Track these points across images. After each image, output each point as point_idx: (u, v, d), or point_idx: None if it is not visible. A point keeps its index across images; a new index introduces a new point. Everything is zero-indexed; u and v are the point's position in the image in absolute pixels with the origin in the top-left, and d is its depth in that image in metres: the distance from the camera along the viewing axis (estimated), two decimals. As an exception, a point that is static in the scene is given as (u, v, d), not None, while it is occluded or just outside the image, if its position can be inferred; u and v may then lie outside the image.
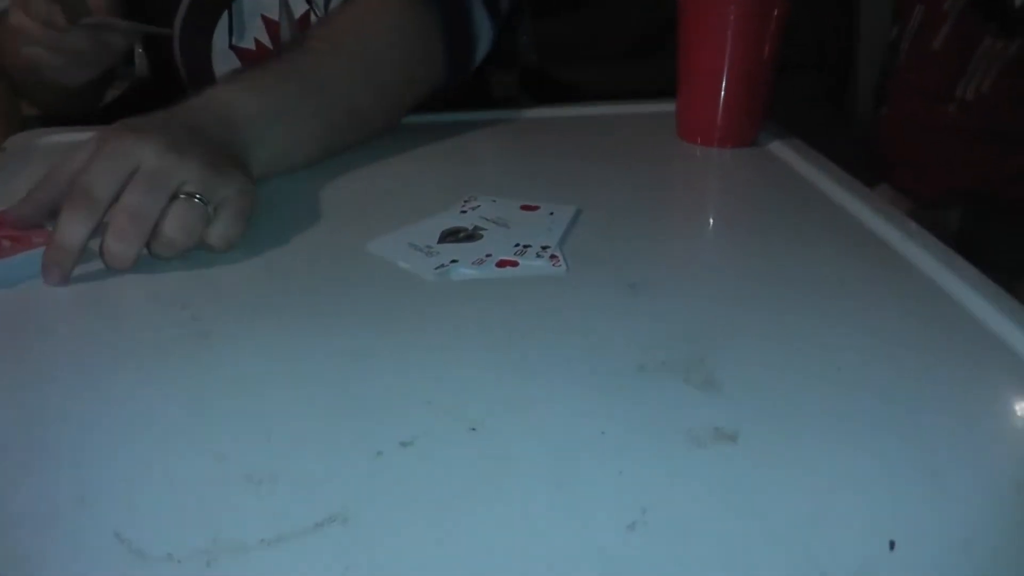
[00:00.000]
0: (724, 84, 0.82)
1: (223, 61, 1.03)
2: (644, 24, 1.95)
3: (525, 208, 0.69)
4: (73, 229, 0.58)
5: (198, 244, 0.61)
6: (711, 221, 0.72)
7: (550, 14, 1.27)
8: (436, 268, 0.60)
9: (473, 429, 0.45)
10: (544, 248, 0.62)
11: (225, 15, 1.01)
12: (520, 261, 0.61)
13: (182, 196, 0.59)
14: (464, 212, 0.68)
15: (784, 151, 0.83)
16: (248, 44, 1.02)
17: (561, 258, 0.61)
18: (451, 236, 0.64)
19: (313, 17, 1.01)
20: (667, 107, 0.89)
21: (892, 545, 0.39)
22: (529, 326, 0.54)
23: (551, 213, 0.68)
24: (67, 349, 0.53)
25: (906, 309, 0.57)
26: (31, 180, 0.63)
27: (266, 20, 1.02)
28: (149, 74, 1.16)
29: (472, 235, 0.64)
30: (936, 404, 0.48)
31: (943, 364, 0.51)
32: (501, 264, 0.60)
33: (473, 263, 0.60)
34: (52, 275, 0.59)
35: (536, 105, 1.37)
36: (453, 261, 0.61)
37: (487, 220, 0.66)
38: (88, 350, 0.53)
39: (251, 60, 1.02)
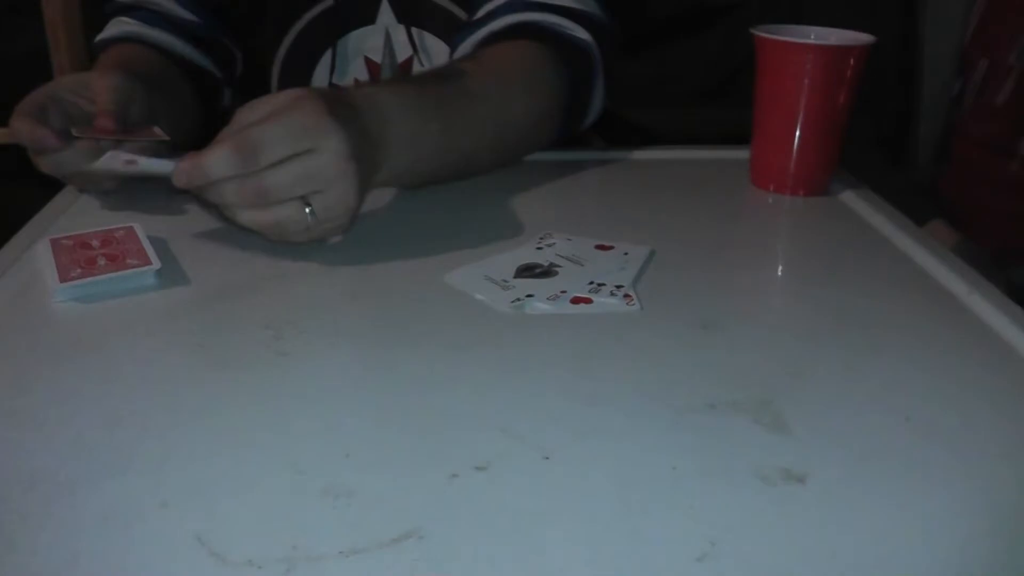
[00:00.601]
0: (799, 132, 0.83)
1: None
2: (712, 70, 1.97)
3: (600, 247, 0.70)
4: (219, 164, 0.60)
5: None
6: (783, 267, 0.73)
7: (621, 57, 1.29)
8: (512, 301, 0.61)
9: (546, 457, 0.46)
10: (618, 287, 0.63)
11: (328, 53, 1.04)
12: (594, 299, 0.62)
13: (302, 201, 0.62)
14: (540, 248, 0.69)
15: (856, 201, 0.84)
16: (348, 84, 1.05)
17: (635, 297, 0.62)
18: (527, 272, 0.66)
19: (416, 63, 1.03)
20: (740, 154, 0.90)
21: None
22: (602, 360, 0.55)
23: (625, 253, 0.69)
24: (153, 360, 0.56)
25: (974, 361, 0.57)
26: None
27: (368, 62, 1.04)
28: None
29: (547, 272, 0.66)
30: (1004, 454, 0.48)
31: (1009, 416, 0.51)
32: (575, 301, 0.62)
33: (548, 298, 0.62)
34: (179, 179, 0.62)
35: (607, 146, 1.40)
36: (528, 296, 0.62)
37: (562, 257, 0.68)
38: (173, 362, 0.55)
39: None
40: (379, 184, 0.74)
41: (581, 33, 0.91)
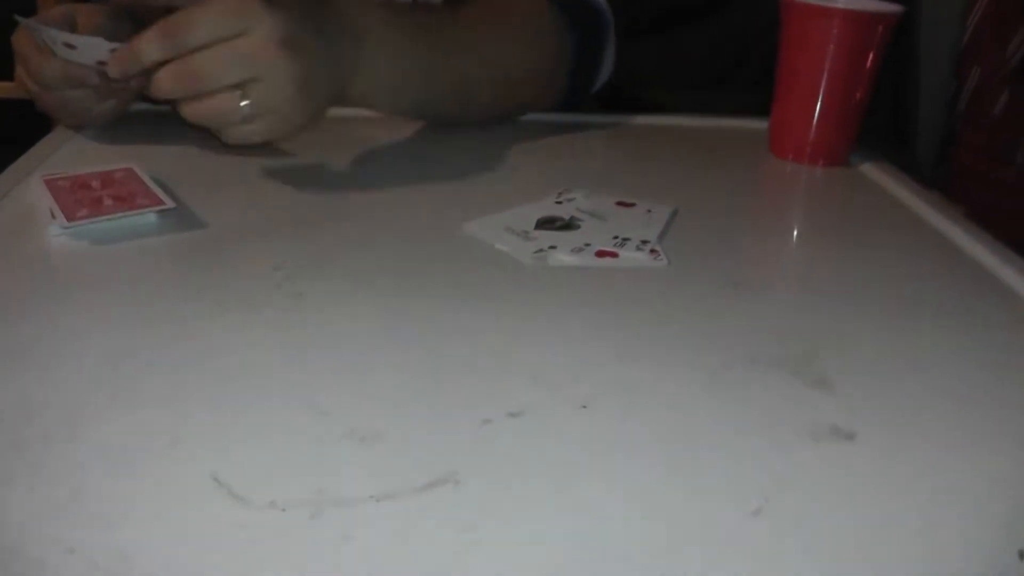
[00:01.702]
0: (821, 100, 0.81)
1: None
2: (720, 53, 1.95)
3: (621, 204, 0.67)
4: (146, 50, 0.60)
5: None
6: (807, 232, 0.70)
7: (629, 39, 1.27)
8: (534, 252, 0.58)
9: (584, 407, 0.43)
10: (644, 242, 0.60)
11: None
12: (620, 253, 0.59)
13: (239, 91, 0.60)
14: (559, 203, 0.67)
15: (876, 173, 0.81)
16: None
17: (662, 252, 0.59)
18: (548, 224, 0.63)
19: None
20: (758, 124, 0.88)
21: (1022, 555, 0.37)
22: (633, 314, 0.53)
23: (648, 210, 0.66)
24: (160, 298, 0.52)
25: (1012, 331, 0.55)
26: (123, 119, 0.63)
27: None
28: None
29: (569, 225, 0.63)
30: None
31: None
32: (600, 254, 0.59)
33: (572, 251, 0.59)
34: (113, 68, 0.62)
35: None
36: (551, 247, 0.59)
37: (583, 212, 0.65)
38: (182, 301, 0.52)
39: None
40: (362, 99, 0.71)
41: None
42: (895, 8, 0.80)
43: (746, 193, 0.75)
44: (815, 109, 0.81)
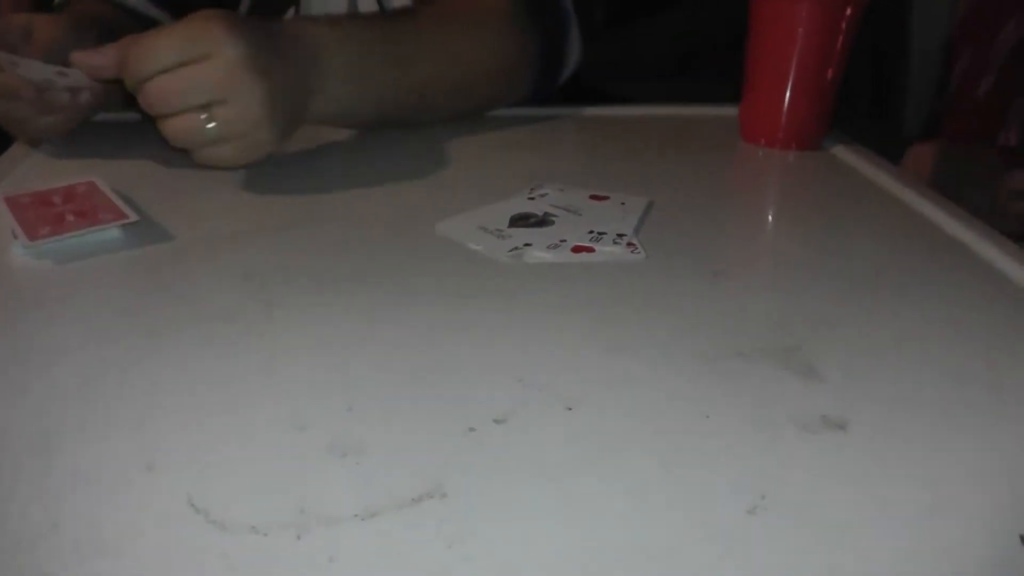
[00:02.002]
0: (791, 84, 0.80)
1: None
2: (677, 45, 1.95)
3: (594, 198, 0.66)
4: (105, 63, 0.61)
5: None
6: (783, 217, 0.69)
7: (591, 29, 1.26)
8: (510, 251, 0.57)
9: (570, 408, 0.42)
10: (620, 236, 0.59)
11: (291, 12, 0.99)
12: (596, 247, 0.58)
13: (202, 114, 0.60)
14: (532, 199, 0.65)
15: (849, 156, 0.81)
16: None
17: (639, 245, 0.58)
18: (521, 221, 0.62)
19: None
20: (726, 111, 0.87)
21: (1024, 540, 0.36)
22: (615, 308, 0.52)
23: (622, 203, 0.65)
24: (130, 312, 0.51)
25: (993, 307, 0.54)
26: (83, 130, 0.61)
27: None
28: None
29: (543, 221, 0.62)
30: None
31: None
32: (576, 250, 0.58)
33: (548, 247, 0.58)
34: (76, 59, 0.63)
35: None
36: (526, 244, 0.58)
37: (557, 207, 0.64)
38: (152, 314, 0.50)
39: None
40: (322, 116, 0.70)
41: None
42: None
43: (720, 181, 0.75)
44: (785, 93, 0.80)
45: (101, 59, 0.61)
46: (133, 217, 0.58)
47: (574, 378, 0.45)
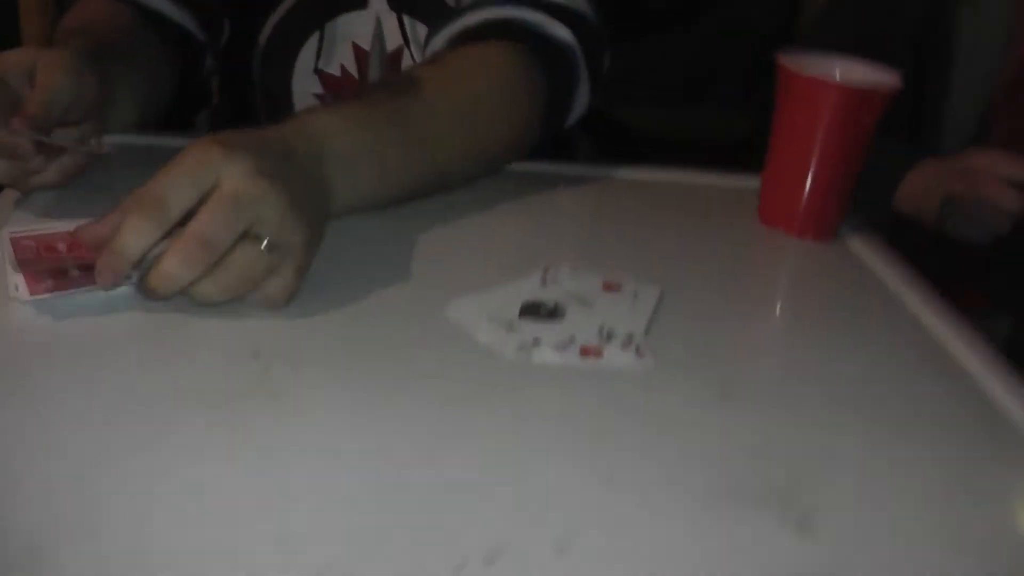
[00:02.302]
0: (813, 173, 0.79)
1: (305, 83, 1.00)
2: (691, 67, 1.94)
3: (608, 287, 0.66)
4: (135, 237, 0.53)
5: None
6: (797, 323, 0.69)
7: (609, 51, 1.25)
8: (518, 348, 0.57)
9: (561, 550, 0.42)
10: (629, 337, 0.59)
11: (315, 36, 0.98)
12: (604, 351, 0.58)
13: (253, 236, 0.55)
14: (545, 284, 0.65)
15: (864, 250, 0.80)
16: (334, 70, 0.99)
17: (647, 352, 0.58)
18: (532, 311, 0.61)
19: (407, 54, 0.98)
20: (747, 183, 0.87)
21: None
22: (618, 429, 0.52)
23: (635, 294, 0.65)
24: (133, 392, 0.51)
25: (997, 454, 0.54)
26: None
27: (356, 48, 0.99)
28: (221, 96, 1.12)
29: (554, 312, 0.62)
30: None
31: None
32: (584, 352, 0.58)
33: (556, 346, 0.58)
34: (104, 279, 0.54)
35: (595, 145, 1.35)
36: (535, 340, 0.58)
37: (569, 296, 0.64)
38: (156, 397, 0.50)
39: (334, 86, 0.99)
40: (345, 207, 0.68)
41: (562, 32, 0.84)
42: (893, 81, 0.79)
43: (734, 271, 0.74)
44: (807, 181, 0.80)
45: (104, 230, 0.55)
46: (134, 278, 0.57)
47: (567, 511, 0.45)
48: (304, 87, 1.02)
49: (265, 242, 0.55)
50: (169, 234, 0.54)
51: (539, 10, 0.84)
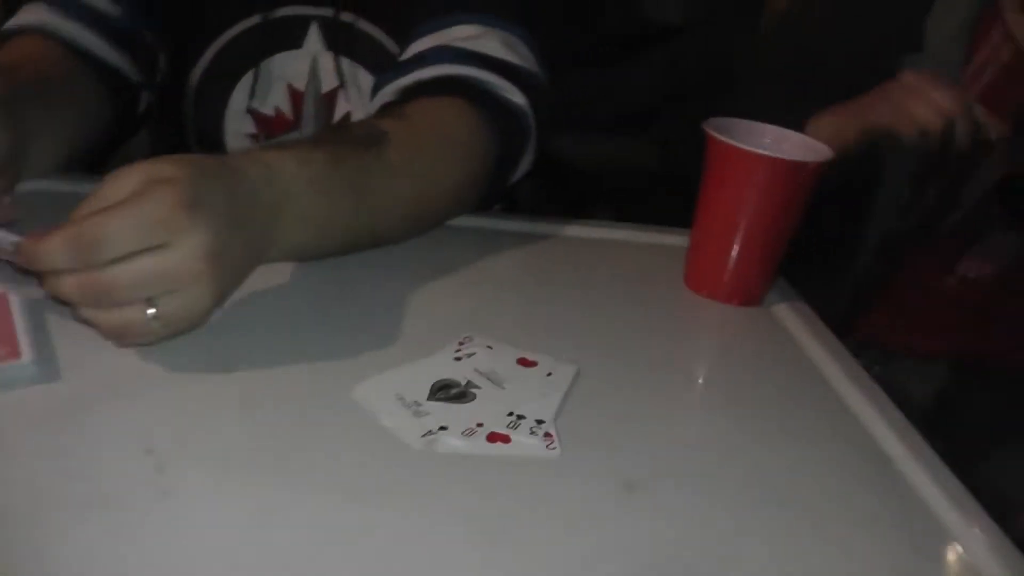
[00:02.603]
0: (739, 243, 0.79)
1: (237, 121, 0.99)
2: (633, 98, 1.94)
3: (522, 362, 0.65)
4: (55, 256, 0.52)
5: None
6: (713, 399, 0.69)
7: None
8: (423, 435, 0.56)
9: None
10: (539, 423, 0.58)
11: (249, 75, 0.97)
12: (513, 437, 0.57)
13: (146, 305, 0.54)
14: (458, 359, 0.64)
15: (790, 316, 0.81)
16: (267, 110, 0.99)
17: (555, 437, 0.58)
18: (442, 391, 0.60)
19: (342, 95, 0.97)
20: (677, 240, 0.87)
21: None
22: (519, 527, 0.51)
23: (549, 373, 0.64)
24: (19, 492, 0.48)
25: (913, 548, 0.54)
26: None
27: (291, 88, 0.98)
28: (152, 135, 1.10)
29: (464, 393, 0.61)
30: None
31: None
32: (492, 438, 0.57)
33: (463, 433, 0.57)
34: (20, 259, 0.55)
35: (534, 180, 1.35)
36: (442, 428, 0.57)
37: (481, 375, 0.63)
38: (43, 499, 0.48)
39: (267, 127, 0.98)
40: (273, 259, 0.67)
41: (517, 98, 0.85)
42: (822, 154, 0.79)
43: (654, 343, 0.74)
44: (732, 250, 0.80)
45: (50, 246, 0.53)
46: (28, 356, 0.56)
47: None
48: (237, 127, 1.00)
49: (153, 311, 0.55)
50: None
51: (494, 71, 0.83)
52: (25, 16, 0.88)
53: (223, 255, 0.56)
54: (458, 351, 0.66)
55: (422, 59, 0.84)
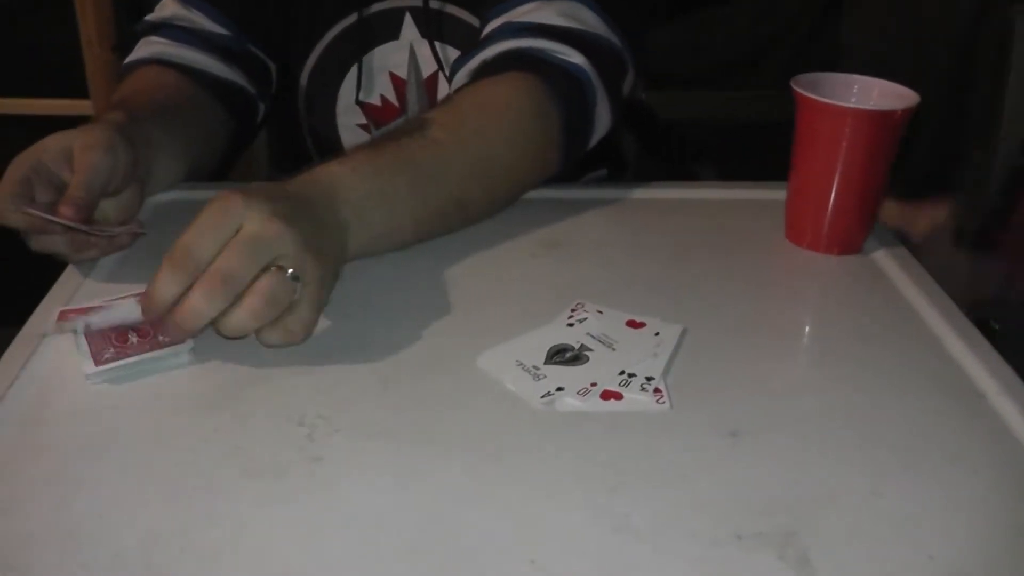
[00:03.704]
0: (834, 193, 0.82)
1: (348, 115, 1.06)
2: (740, 42, 1.95)
3: (631, 324, 0.70)
4: (165, 286, 0.60)
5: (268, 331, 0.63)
6: (814, 351, 0.73)
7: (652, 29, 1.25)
8: (543, 396, 0.62)
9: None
10: (648, 379, 0.63)
11: (354, 70, 1.03)
12: (624, 394, 0.62)
13: (275, 268, 0.61)
14: (571, 325, 0.70)
15: (888, 263, 0.83)
16: (374, 100, 1.05)
17: (665, 393, 0.63)
18: (558, 355, 0.66)
19: (442, 78, 1.02)
20: (775, 194, 0.90)
21: None
22: (631, 476, 0.56)
23: (656, 333, 0.69)
24: (189, 465, 0.56)
25: (1000, 487, 0.57)
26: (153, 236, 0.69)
27: (393, 77, 1.04)
28: (272, 143, 1.18)
29: (578, 356, 0.66)
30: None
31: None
32: (606, 396, 0.62)
33: (579, 393, 0.62)
34: (147, 318, 0.62)
35: (638, 140, 1.38)
36: (559, 389, 0.62)
37: (593, 338, 0.68)
38: (209, 468, 0.56)
39: (377, 116, 1.04)
40: (361, 247, 0.74)
41: (575, 58, 0.88)
42: (908, 100, 0.81)
43: (758, 297, 0.77)
44: (829, 201, 0.83)
45: (162, 284, 0.61)
46: (189, 343, 0.64)
47: (581, 562, 0.50)
48: (348, 120, 1.07)
49: (289, 271, 0.61)
50: None
51: (548, 37, 0.87)
52: (141, 51, 0.98)
53: (289, 217, 0.63)
54: (571, 317, 0.71)
55: (488, 39, 0.90)
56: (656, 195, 0.96)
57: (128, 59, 0.98)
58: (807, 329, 0.76)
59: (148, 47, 0.97)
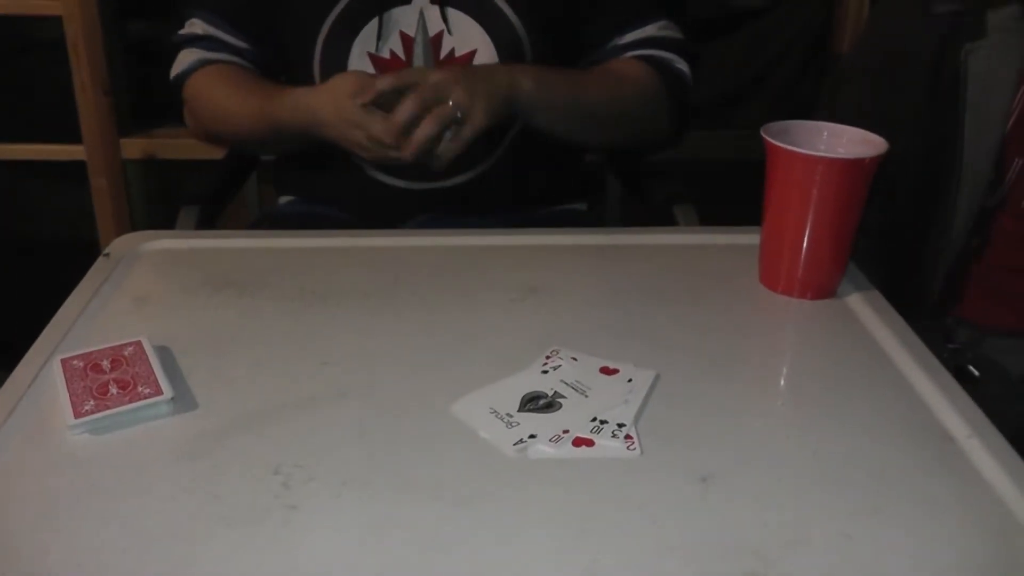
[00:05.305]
0: (807, 240, 0.84)
1: (358, 65, 1.15)
2: (733, 75, 1.98)
3: (604, 371, 0.71)
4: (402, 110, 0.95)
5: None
6: (786, 395, 0.74)
7: None
8: (515, 444, 0.63)
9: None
10: (620, 426, 0.65)
11: (374, 22, 1.13)
12: (596, 441, 0.63)
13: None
14: (545, 372, 0.71)
15: (862, 307, 0.84)
16: (384, 54, 1.14)
17: (636, 439, 0.64)
18: (531, 403, 0.67)
19: (446, 36, 1.14)
20: (750, 239, 0.91)
21: None
22: (601, 521, 0.57)
23: (630, 380, 0.70)
24: (167, 513, 0.57)
25: (971, 525, 0.58)
26: (137, 284, 0.68)
27: (403, 35, 1.14)
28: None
29: (551, 403, 0.67)
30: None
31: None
32: (577, 443, 0.63)
33: (551, 440, 0.63)
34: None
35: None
36: (532, 436, 0.63)
37: (566, 385, 0.69)
38: (187, 517, 0.57)
39: (384, 67, 1.15)
40: (523, 111, 1.05)
41: (682, 65, 1.19)
42: (878, 147, 0.82)
43: (731, 342, 0.79)
44: (802, 246, 0.84)
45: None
46: (167, 393, 0.65)
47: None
48: (358, 67, 1.16)
49: (452, 103, 0.96)
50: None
51: (670, 49, 1.19)
52: (192, 56, 1.16)
53: (474, 76, 1.01)
54: (545, 364, 0.72)
55: (636, 45, 1.19)
56: (633, 240, 0.97)
57: (179, 70, 1.17)
58: (779, 373, 0.77)
59: (192, 55, 1.16)
